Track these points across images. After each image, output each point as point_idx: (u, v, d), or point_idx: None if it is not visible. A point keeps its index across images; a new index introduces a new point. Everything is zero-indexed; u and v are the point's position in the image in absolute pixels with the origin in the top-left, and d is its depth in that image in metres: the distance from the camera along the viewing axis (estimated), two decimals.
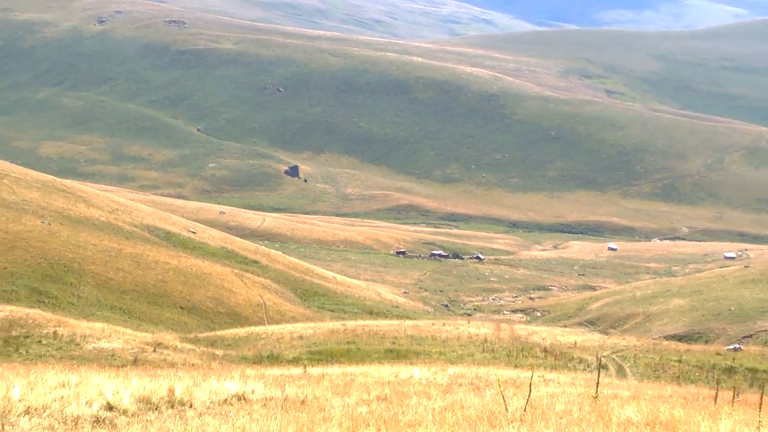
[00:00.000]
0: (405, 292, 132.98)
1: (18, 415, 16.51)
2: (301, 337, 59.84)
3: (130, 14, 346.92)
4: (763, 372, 50.59)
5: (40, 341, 47.78)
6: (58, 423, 15.84)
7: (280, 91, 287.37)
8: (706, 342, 77.27)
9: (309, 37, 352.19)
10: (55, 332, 49.81)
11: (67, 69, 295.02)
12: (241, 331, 63.76)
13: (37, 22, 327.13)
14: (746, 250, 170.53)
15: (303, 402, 20.29)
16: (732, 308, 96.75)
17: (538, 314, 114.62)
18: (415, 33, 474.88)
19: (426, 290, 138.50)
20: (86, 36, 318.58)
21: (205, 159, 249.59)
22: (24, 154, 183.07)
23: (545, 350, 57.04)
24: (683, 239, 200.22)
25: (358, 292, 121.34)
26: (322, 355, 51.28)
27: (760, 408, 19.21)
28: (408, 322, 74.33)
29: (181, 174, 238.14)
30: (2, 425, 15.46)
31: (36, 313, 55.45)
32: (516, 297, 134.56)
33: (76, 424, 15.87)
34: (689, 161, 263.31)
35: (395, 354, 52.49)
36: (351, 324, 69.76)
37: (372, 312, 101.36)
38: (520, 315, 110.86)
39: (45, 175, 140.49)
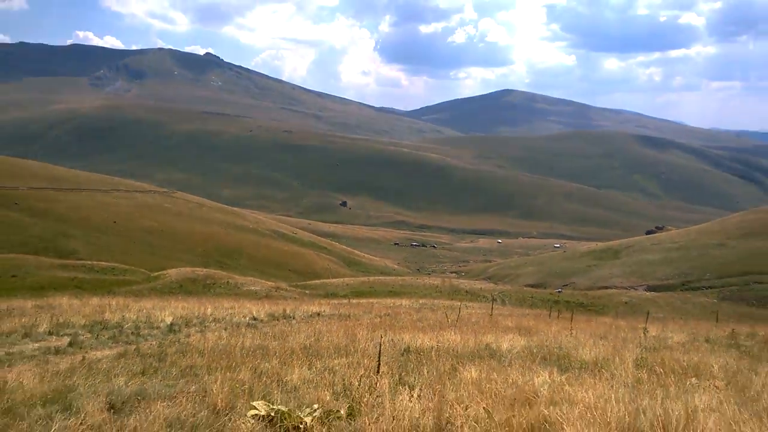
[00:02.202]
0: (398, 263, 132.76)
1: (209, 321, 16.69)
2: (347, 285, 59.58)
3: (265, 128, 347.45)
4: (572, 303, 50.49)
5: (220, 286, 47.90)
6: (229, 326, 15.94)
7: (338, 165, 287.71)
8: (545, 288, 76.99)
9: (352, 139, 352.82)
10: (227, 281, 49.92)
11: (233, 154, 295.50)
12: (318, 282, 63.57)
13: (220, 131, 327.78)
14: (564, 243, 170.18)
15: (348, 316, 20.33)
16: (557, 271, 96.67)
17: (463, 274, 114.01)
18: (404, 137, 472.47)
19: (408, 262, 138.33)
20: (242, 138, 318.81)
21: (301, 197, 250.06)
22: (213, 196, 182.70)
23: (467, 291, 56.77)
24: (534, 238, 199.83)
25: (375, 263, 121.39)
26: (358, 293, 51.05)
27: (571, 319, 19.27)
28: (399, 278, 74.18)
29: (289, 205, 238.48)
30: (203, 326, 15.70)
31: (218, 272, 55.64)
32: (452, 265, 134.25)
33: (238, 326, 15.94)
34: (537, 199, 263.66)
35: (393, 293, 52.23)
36: (372, 278, 69.72)
37: (382, 272, 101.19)
38: (454, 274, 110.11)
39: (223, 205, 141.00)
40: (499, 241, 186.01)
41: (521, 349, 11.69)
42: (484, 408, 6.40)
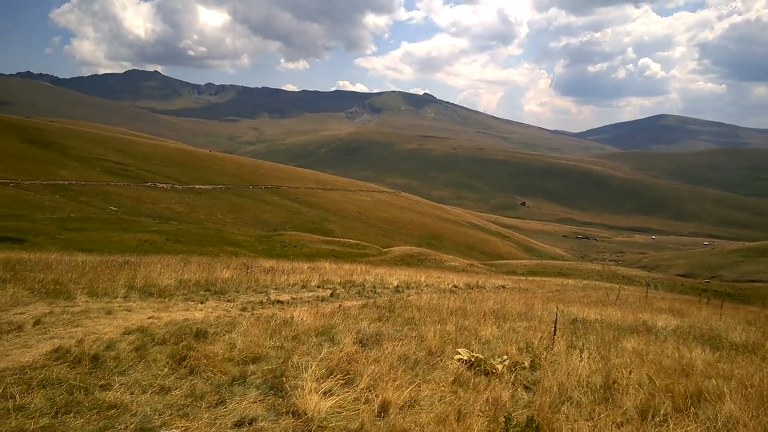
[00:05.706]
0: (565, 251, 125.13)
1: (423, 286, 15.91)
2: (524, 265, 57.25)
3: (464, 147, 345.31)
4: (720, 292, 43.70)
5: (429, 261, 48.31)
6: (437, 290, 15.48)
7: (519, 174, 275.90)
8: (694, 278, 67.97)
9: (530, 154, 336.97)
10: (434, 258, 50.32)
11: (441, 165, 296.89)
12: (502, 262, 62.03)
13: (432, 149, 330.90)
14: (713, 241, 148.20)
15: (526, 290, 19.48)
16: (706, 264, 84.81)
17: (620, 262, 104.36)
18: (572, 153, 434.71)
19: (573, 250, 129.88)
20: (448, 154, 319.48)
21: (490, 198, 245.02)
22: (426, 195, 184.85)
23: (623, 276, 51.71)
24: (685, 236, 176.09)
25: (546, 250, 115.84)
26: (532, 272, 48.87)
27: (721, 306, 16.82)
28: (566, 262, 70.13)
29: (481, 203, 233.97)
30: (419, 289, 15.13)
31: (428, 251, 56.48)
32: (611, 255, 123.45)
33: (443, 291, 15.44)
34: (687, 204, 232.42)
35: (561, 274, 49.19)
36: (544, 261, 66.47)
37: (552, 257, 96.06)
38: (612, 262, 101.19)
39: (433, 202, 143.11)
40: (653, 237, 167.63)
41: (675, 327, 10.40)
42: (646, 374, 5.76)
